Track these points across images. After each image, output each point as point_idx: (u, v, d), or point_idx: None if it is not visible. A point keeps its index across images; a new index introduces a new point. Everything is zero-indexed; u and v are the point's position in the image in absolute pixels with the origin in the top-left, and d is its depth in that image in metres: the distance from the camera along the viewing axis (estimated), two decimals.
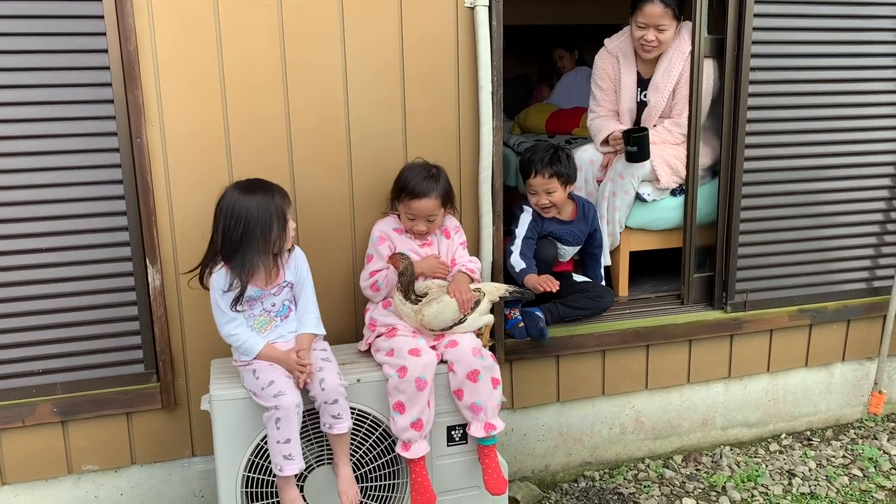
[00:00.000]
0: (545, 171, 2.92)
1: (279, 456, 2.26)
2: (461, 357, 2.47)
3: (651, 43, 3.20)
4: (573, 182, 3.01)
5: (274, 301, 2.38)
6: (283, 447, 2.25)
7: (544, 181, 2.93)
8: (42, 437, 2.59)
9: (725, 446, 3.43)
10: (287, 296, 2.41)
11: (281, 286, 2.38)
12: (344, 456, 2.38)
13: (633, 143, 3.12)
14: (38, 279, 2.49)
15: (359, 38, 2.62)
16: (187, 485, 2.81)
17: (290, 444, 2.25)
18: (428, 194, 2.52)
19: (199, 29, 2.47)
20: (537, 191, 2.96)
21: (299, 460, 2.28)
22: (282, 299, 2.40)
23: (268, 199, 2.28)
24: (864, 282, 3.47)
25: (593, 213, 3.13)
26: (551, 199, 2.95)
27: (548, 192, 2.94)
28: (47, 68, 2.38)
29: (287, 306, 2.42)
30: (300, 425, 2.28)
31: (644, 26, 3.19)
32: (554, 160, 2.92)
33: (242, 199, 2.27)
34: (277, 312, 2.40)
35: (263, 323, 2.39)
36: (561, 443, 3.21)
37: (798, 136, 3.23)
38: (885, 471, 3.25)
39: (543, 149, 2.98)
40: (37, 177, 2.43)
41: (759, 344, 3.38)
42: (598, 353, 3.13)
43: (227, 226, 2.26)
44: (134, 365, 2.64)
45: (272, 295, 2.37)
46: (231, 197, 2.28)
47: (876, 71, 3.27)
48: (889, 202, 3.42)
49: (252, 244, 2.26)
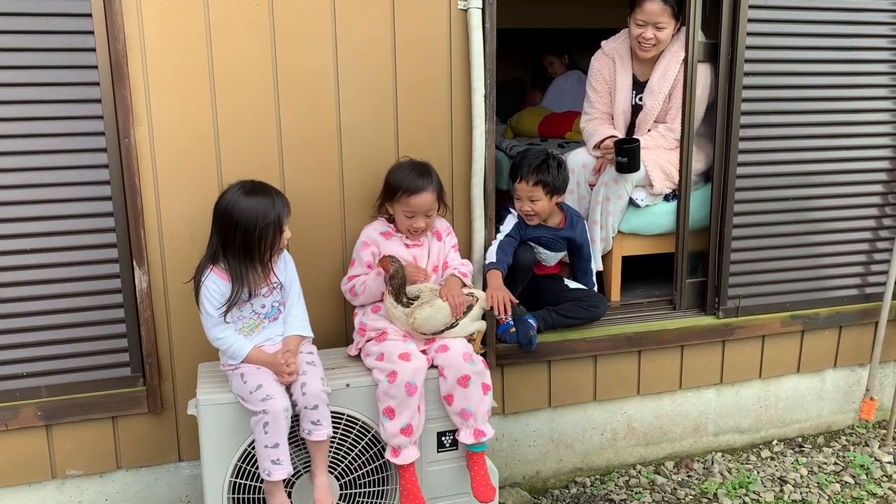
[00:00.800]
0: (530, 178, 2.85)
1: (267, 460, 2.23)
2: (452, 362, 2.45)
3: (649, 41, 3.19)
4: (560, 193, 2.93)
5: (264, 303, 2.36)
6: (272, 451, 2.22)
7: (528, 188, 2.87)
8: (26, 441, 2.56)
9: (717, 452, 3.42)
10: (276, 298, 2.39)
11: (271, 287, 2.36)
12: (322, 464, 2.34)
13: (623, 154, 3.07)
14: (23, 280, 2.46)
15: (351, 39, 2.59)
16: (174, 490, 2.77)
17: (278, 448, 2.22)
18: (426, 188, 2.51)
19: (188, 28, 2.45)
20: (521, 197, 2.90)
21: (287, 465, 2.25)
22: (271, 301, 2.38)
23: (269, 206, 2.25)
24: (856, 288, 3.46)
25: (582, 227, 3.08)
26: (534, 208, 2.88)
27: (531, 199, 2.88)
28: (33, 67, 2.35)
29: (276, 308, 2.40)
30: (288, 429, 2.25)
31: (643, 24, 3.18)
32: (542, 168, 2.85)
33: (243, 202, 2.24)
34: (266, 314, 2.38)
35: (252, 325, 2.36)
36: (552, 449, 3.19)
37: (791, 142, 3.22)
38: (876, 478, 3.24)
39: (534, 154, 2.91)
40: (22, 177, 2.40)
41: (751, 350, 3.37)
42: (589, 358, 3.11)
43: (225, 228, 2.24)
44: (120, 368, 2.60)
45: (262, 297, 2.34)
46: (231, 198, 2.25)
47: (869, 77, 3.27)
48: (881, 209, 3.42)
49: (248, 250, 2.24)
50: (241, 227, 2.23)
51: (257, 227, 2.23)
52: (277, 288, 2.38)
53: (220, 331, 2.29)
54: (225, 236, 2.25)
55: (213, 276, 2.27)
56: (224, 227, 2.25)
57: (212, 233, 2.31)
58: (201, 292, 2.27)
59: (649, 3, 3.14)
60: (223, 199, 2.28)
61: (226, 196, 2.28)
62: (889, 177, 3.39)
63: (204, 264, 2.30)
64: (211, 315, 2.27)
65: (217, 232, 2.28)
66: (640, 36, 3.20)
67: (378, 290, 2.52)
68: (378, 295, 2.54)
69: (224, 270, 2.27)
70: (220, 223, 2.27)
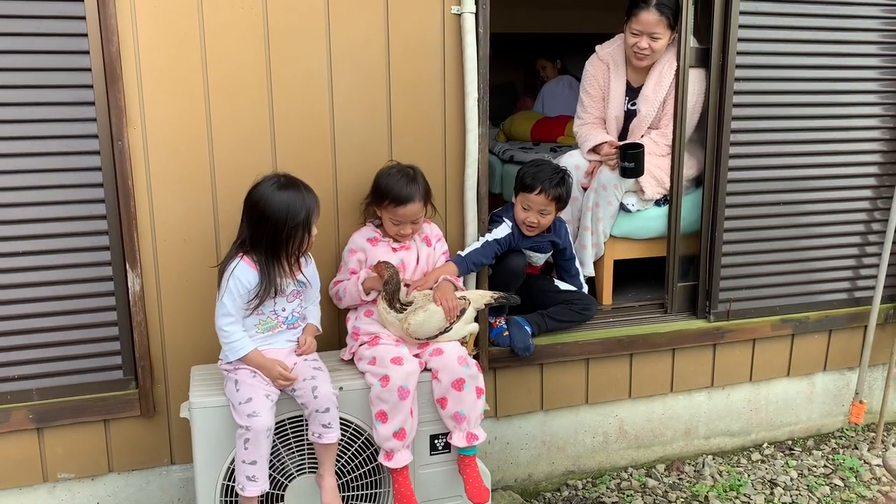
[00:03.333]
0: (550, 192, 2.86)
1: (243, 475, 2.23)
2: (446, 365, 2.46)
3: (644, 51, 3.20)
4: (564, 208, 3.01)
5: (285, 307, 2.36)
6: (248, 468, 2.22)
7: (545, 202, 2.87)
8: (17, 444, 2.54)
9: (708, 455, 3.43)
10: (297, 306, 2.39)
11: (296, 290, 2.37)
12: (330, 467, 2.34)
13: (629, 159, 3.11)
14: (15, 283, 2.45)
15: (345, 42, 2.60)
16: (166, 493, 2.76)
17: (255, 465, 2.22)
18: (413, 198, 2.51)
19: (182, 31, 2.44)
20: (531, 208, 2.89)
21: (263, 482, 2.24)
22: (292, 308, 2.37)
23: (300, 204, 2.24)
24: (845, 292, 3.49)
25: (565, 231, 3.10)
26: (541, 221, 2.90)
27: (542, 212, 2.89)
28: (27, 69, 2.34)
29: (296, 317, 2.40)
30: (269, 448, 2.25)
31: (638, 33, 3.19)
32: (562, 184, 2.88)
33: (276, 197, 2.23)
34: (286, 319, 2.37)
35: (270, 325, 2.35)
36: (544, 451, 3.20)
37: (782, 147, 3.25)
38: (865, 480, 3.26)
39: (553, 169, 2.92)
40: (14, 179, 2.39)
41: (741, 353, 3.39)
42: (581, 361, 3.12)
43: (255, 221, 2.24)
44: (112, 371, 2.59)
45: (286, 299, 2.34)
46: (265, 192, 2.24)
47: (860, 83, 3.30)
48: (871, 213, 3.45)
49: (275, 247, 2.24)
50: (270, 223, 2.22)
51: (286, 225, 2.22)
52: (302, 292, 2.39)
53: (229, 322, 2.26)
54: (255, 229, 2.25)
55: (242, 264, 2.25)
56: (254, 220, 2.25)
57: (242, 221, 2.30)
58: (229, 278, 2.24)
59: (645, 13, 3.14)
60: (256, 191, 2.26)
61: (260, 188, 2.26)
62: (878, 181, 3.42)
63: (234, 252, 2.29)
64: (225, 304, 2.24)
65: (247, 222, 2.27)
66: (635, 45, 3.21)
67: (356, 294, 2.53)
68: (357, 299, 2.55)
69: (254, 261, 2.26)
70: (251, 215, 2.26)
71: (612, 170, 3.21)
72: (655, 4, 3.12)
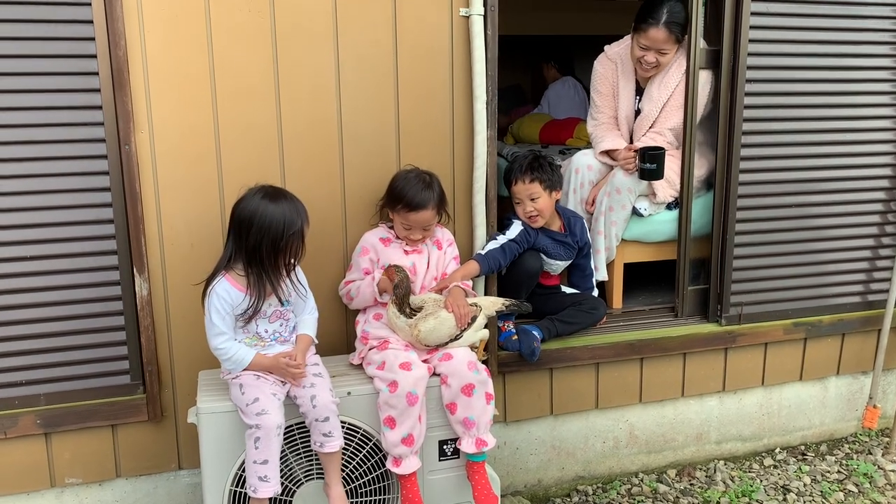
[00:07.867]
0: (525, 177, 2.86)
1: (254, 476, 2.20)
2: (456, 370, 2.43)
3: (651, 64, 3.18)
4: (558, 189, 2.94)
5: (267, 328, 2.33)
6: (260, 468, 2.19)
7: (525, 186, 2.87)
8: (25, 449, 2.54)
9: (719, 461, 3.40)
10: (279, 327, 2.35)
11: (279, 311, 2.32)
12: (336, 475, 2.32)
13: (650, 160, 3.09)
14: (23, 288, 2.44)
15: (352, 45, 2.59)
16: (173, 498, 2.75)
17: (266, 465, 2.19)
18: (426, 205, 2.50)
19: (189, 35, 2.44)
20: (521, 199, 2.90)
21: (275, 483, 2.21)
22: (274, 328, 2.34)
23: (294, 214, 2.20)
24: (858, 295, 3.45)
25: (581, 226, 3.07)
26: (536, 206, 2.87)
27: (531, 197, 2.87)
28: (34, 73, 2.34)
29: (279, 335, 2.36)
30: (280, 447, 2.22)
31: (646, 48, 3.16)
32: (533, 165, 2.87)
33: (269, 209, 2.18)
34: (272, 336, 2.35)
35: (254, 341, 2.33)
36: (554, 457, 3.17)
37: (793, 149, 3.22)
38: (879, 486, 3.22)
39: (523, 156, 2.94)
40: (22, 184, 2.39)
41: (753, 357, 3.35)
42: (591, 365, 3.10)
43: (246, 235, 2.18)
44: (120, 376, 2.59)
45: (266, 320, 2.31)
46: (255, 205, 2.19)
47: (872, 84, 3.26)
48: (884, 215, 3.41)
49: (274, 258, 2.20)
50: (269, 235, 2.17)
51: (284, 235, 2.18)
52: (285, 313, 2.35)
53: (222, 341, 2.25)
54: (247, 244, 2.19)
55: (224, 282, 2.23)
56: (245, 234, 2.19)
57: (228, 239, 2.26)
58: (209, 298, 2.23)
59: (654, 30, 3.11)
60: (246, 205, 2.20)
61: (248, 202, 2.21)
62: (891, 184, 3.38)
63: (217, 270, 2.26)
64: (215, 324, 2.23)
65: (236, 238, 2.22)
66: (642, 58, 3.19)
67: (370, 295, 2.52)
68: (370, 300, 2.53)
69: (238, 278, 2.23)
70: (241, 230, 2.20)
71: (629, 174, 3.18)
72: (665, 22, 3.08)
